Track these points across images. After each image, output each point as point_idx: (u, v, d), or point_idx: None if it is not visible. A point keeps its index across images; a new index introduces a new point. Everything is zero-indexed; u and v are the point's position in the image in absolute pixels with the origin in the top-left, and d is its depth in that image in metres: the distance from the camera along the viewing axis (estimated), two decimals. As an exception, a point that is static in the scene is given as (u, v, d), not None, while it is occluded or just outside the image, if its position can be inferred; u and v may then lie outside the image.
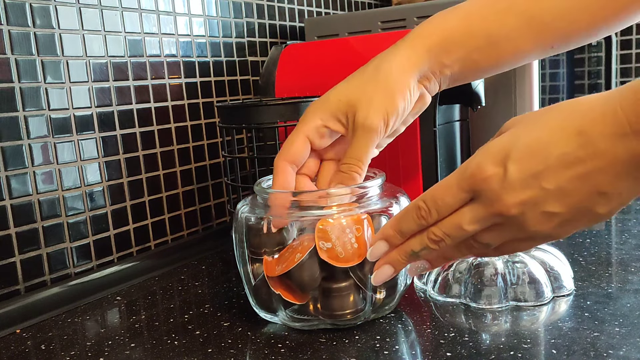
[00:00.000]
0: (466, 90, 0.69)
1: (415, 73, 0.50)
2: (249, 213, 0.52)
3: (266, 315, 0.52)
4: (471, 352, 0.45)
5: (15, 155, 0.62)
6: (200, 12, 0.84)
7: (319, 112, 0.50)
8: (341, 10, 1.18)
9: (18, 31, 0.62)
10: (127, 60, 0.73)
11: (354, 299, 0.49)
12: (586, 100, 0.36)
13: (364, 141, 0.49)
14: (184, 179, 0.82)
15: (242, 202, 0.53)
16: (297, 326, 0.51)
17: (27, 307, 0.60)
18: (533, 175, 0.36)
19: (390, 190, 0.54)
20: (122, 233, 0.74)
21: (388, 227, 0.44)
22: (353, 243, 0.48)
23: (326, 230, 0.47)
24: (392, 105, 0.49)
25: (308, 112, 0.51)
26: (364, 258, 0.48)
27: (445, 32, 0.50)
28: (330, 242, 0.47)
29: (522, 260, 0.54)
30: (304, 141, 0.50)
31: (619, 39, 1.32)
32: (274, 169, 0.51)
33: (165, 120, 0.79)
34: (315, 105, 0.51)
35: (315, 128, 0.50)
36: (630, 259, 0.62)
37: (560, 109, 0.38)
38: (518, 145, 0.37)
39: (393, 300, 0.52)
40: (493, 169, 0.37)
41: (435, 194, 0.40)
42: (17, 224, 0.62)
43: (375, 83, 0.49)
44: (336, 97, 0.50)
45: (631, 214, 0.80)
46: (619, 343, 0.44)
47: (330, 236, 0.47)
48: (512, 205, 0.37)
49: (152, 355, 0.49)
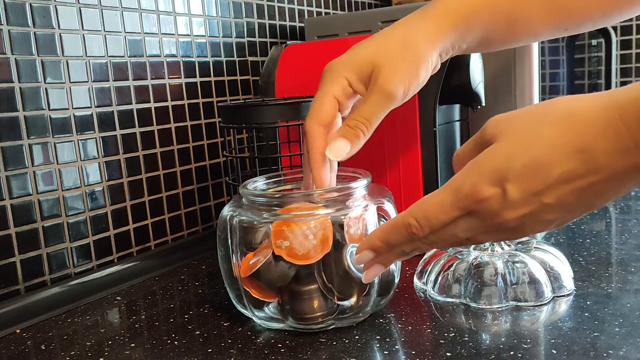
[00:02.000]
0: (466, 90, 0.69)
1: (440, 47, 0.50)
2: (233, 214, 0.51)
3: (247, 313, 0.53)
4: (471, 352, 0.45)
5: (15, 155, 0.62)
6: (200, 12, 0.84)
7: (344, 71, 0.49)
8: (341, 10, 1.18)
9: (18, 31, 0.62)
10: (127, 60, 0.73)
11: (319, 303, 0.50)
12: (581, 110, 0.35)
13: (379, 103, 0.48)
14: (184, 179, 0.82)
15: (229, 206, 0.53)
16: (274, 326, 0.52)
17: (27, 307, 0.60)
18: (534, 194, 0.36)
19: (376, 191, 0.54)
20: (122, 233, 0.74)
21: (375, 238, 0.43)
22: (311, 239, 0.48)
23: (282, 229, 0.47)
24: (415, 77, 0.49)
25: (334, 71, 0.49)
26: (326, 254, 0.48)
27: (472, 8, 0.51)
28: (288, 241, 0.47)
29: (522, 260, 0.54)
30: (333, 102, 0.49)
31: (619, 39, 1.32)
32: (308, 134, 0.49)
33: (165, 120, 0.79)
34: (340, 65, 0.49)
35: (342, 88, 0.49)
36: (630, 259, 0.62)
37: (554, 119, 0.36)
38: (515, 166, 0.36)
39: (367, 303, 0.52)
40: (491, 190, 0.36)
41: (428, 213, 0.39)
42: (17, 224, 0.62)
43: (403, 52, 0.48)
44: (363, 57, 0.49)
45: (631, 214, 0.80)
46: (619, 343, 0.44)
47: (287, 235, 0.47)
48: (511, 220, 0.37)
49: (152, 355, 0.49)
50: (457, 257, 0.56)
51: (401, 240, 0.42)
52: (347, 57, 0.50)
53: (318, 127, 0.49)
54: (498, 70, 0.78)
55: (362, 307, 0.51)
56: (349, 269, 0.49)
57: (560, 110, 0.36)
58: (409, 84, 0.49)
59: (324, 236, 0.48)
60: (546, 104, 0.38)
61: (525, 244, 0.58)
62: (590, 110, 0.35)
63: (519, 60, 0.78)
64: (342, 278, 0.49)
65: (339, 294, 0.50)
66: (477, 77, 0.70)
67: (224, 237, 0.52)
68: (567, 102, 0.37)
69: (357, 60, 0.49)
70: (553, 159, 0.35)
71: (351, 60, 0.50)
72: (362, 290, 0.50)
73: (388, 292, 0.53)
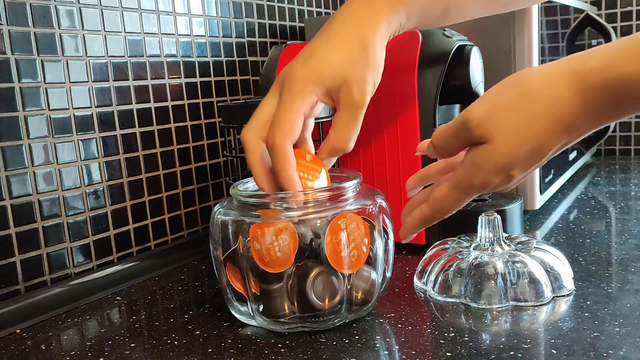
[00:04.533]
0: (466, 90, 0.69)
1: (387, 39, 0.52)
2: (224, 215, 0.51)
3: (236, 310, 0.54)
4: (471, 352, 0.45)
5: (15, 155, 0.62)
6: (200, 12, 0.84)
7: (312, 86, 0.48)
8: (341, 10, 1.17)
9: (18, 31, 0.62)
10: (127, 60, 0.73)
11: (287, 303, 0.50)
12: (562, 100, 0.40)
13: (357, 117, 0.50)
14: (184, 179, 0.82)
15: (219, 205, 0.53)
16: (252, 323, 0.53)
17: (27, 307, 0.60)
18: (534, 167, 0.44)
19: (367, 191, 0.54)
20: (122, 233, 0.74)
21: None
22: (277, 251, 0.47)
23: (256, 233, 0.47)
24: (378, 78, 0.51)
25: (300, 85, 0.48)
26: (286, 269, 0.48)
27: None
28: (260, 245, 0.47)
29: (522, 260, 0.54)
30: (302, 119, 0.49)
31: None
32: (282, 153, 0.47)
33: (165, 120, 0.79)
34: (306, 79, 0.48)
35: (310, 104, 0.49)
36: (630, 259, 0.62)
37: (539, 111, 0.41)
38: (518, 159, 0.42)
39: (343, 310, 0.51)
40: (499, 178, 0.44)
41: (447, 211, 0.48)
42: (17, 224, 0.62)
43: (366, 59, 0.49)
44: (331, 71, 0.48)
45: (631, 214, 0.80)
46: (619, 343, 0.44)
47: (260, 239, 0.47)
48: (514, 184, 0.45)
49: (152, 355, 0.49)
50: (457, 257, 0.56)
51: None
52: (313, 71, 0.49)
53: (290, 145, 0.48)
54: (498, 70, 0.78)
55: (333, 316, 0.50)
56: (310, 296, 0.49)
57: (541, 99, 0.41)
58: (374, 86, 0.51)
59: (290, 249, 0.47)
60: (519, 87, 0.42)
61: (525, 244, 0.58)
62: (567, 95, 0.40)
63: (519, 60, 0.78)
64: (302, 300, 0.49)
65: (299, 309, 0.49)
66: (477, 77, 0.70)
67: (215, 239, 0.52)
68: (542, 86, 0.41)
69: (325, 74, 0.48)
70: (547, 143, 0.42)
71: (319, 75, 0.48)
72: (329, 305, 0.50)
73: (365, 303, 0.52)
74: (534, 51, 0.77)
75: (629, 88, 0.38)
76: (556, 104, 0.40)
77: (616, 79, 0.38)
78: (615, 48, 0.39)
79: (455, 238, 0.61)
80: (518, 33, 0.77)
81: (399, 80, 0.68)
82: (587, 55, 0.41)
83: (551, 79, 0.41)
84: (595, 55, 0.40)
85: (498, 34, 0.78)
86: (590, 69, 0.39)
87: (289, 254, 0.47)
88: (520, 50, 0.77)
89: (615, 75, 0.38)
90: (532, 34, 0.77)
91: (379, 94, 0.70)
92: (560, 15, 0.94)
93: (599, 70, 0.39)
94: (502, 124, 0.42)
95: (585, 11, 1.06)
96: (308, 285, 0.48)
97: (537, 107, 0.41)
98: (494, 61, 0.77)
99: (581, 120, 0.41)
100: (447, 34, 0.70)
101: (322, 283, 0.49)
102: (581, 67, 0.40)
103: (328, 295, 0.49)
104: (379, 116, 0.70)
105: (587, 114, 0.40)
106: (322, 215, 0.48)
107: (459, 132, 0.44)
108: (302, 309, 0.49)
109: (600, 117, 0.41)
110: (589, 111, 0.40)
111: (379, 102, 0.70)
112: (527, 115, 0.41)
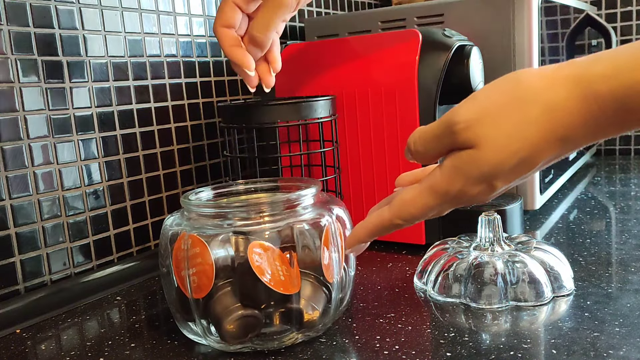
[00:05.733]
0: (466, 90, 0.69)
1: None
2: (175, 226, 0.48)
3: None
4: (471, 352, 0.45)
5: (15, 155, 0.62)
6: (200, 12, 0.84)
7: None
8: (341, 10, 1.18)
9: (18, 31, 0.62)
10: (127, 60, 0.73)
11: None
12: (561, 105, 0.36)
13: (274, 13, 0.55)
14: (184, 179, 0.82)
15: (169, 216, 0.51)
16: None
17: (27, 307, 0.60)
18: (519, 179, 0.40)
19: (324, 200, 0.51)
20: (122, 233, 0.74)
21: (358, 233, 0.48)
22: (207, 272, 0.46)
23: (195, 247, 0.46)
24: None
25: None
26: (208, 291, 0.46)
27: None
28: (202, 260, 0.46)
29: (522, 260, 0.54)
30: (232, 7, 0.56)
31: (619, 39, 1.32)
32: (217, 36, 0.57)
33: (165, 120, 0.79)
34: None
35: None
36: (630, 259, 0.62)
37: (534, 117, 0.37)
38: (505, 170, 0.38)
39: None
40: (479, 188, 0.40)
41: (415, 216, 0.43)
42: (17, 224, 0.62)
43: None
44: None
45: (631, 214, 0.80)
46: (619, 343, 0.44)
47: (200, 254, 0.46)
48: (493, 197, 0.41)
49: (152, 355, 0.49)
50: (457, 257, 0.56)
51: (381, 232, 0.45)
52: None
53: (222, 29, 0.57)
54: (498, 70, 0.78)
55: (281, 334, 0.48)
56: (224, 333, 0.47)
57: (538, 106, 0.37)
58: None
59: (203, 270, 0.45)
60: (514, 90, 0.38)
61: (525, 244, 0.58)
62: (568, 102, 0.36)
63: (519, 60, 0.78)
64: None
65: None
66: (477, 77, 0.70)
67: (163, 250, 0.49)
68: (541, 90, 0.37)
69: None
70: (538, 154, 0.38)
71: None
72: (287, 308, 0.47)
73: (299, 325, 0.48)
74: (534, 51, 0.77)
75: None
76: (555, 112, 0.36)
77: (625, 87, 0.34)
78: (623, 54, 0.35)
79: (455, 238, 0.61)
80: (518, 33, 0.77)
81: (399, 80, 0.68)
82: (592, 60, 0.36)
83: (552, 84, 0.37)
84: (601, 61, 0.36)
85: (498, 34, 0.78)
86: (596, 75, 0.35)
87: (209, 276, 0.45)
88: (520, 50, 0.77)
89: (624, 84, 0.34)
90: (532, 34, 0.77)
91: (379, 94, 0.70)
92: (560, 15, 0.94)
93: (607, 77, 0.35)
94: (491, 129, 0.37)
95: (585, 11, 1.06)
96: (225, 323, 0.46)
97: (533, 114, 0.37)
98: (494, 61, 0.77)
99: (579, 132, 0.36)
100: (447, 34, 0.70)
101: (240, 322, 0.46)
102: (586, 73, 0.36)
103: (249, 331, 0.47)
104: (379, 116, 0.70)
105: (588, 126, 0.36)
106: (275, 226, 0.46)
107: (441, 136, 0.40)
108: None
109: (601, 130, 0.36)
110: (590, 122, 0.36)
111: (379, 102, 0.70)
112: (520, 122, 0.37)
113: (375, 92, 0.70)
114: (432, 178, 0.41)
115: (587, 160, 1.23)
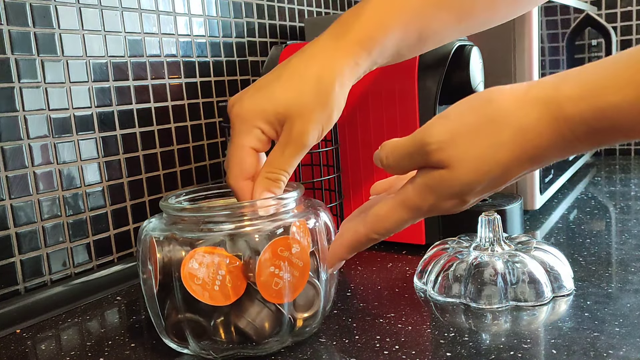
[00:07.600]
0: (466, 90, 0.69)
1: (353, 81, 0.50)
2: (153, 231, 0.48)
3: None
4: (471, 352, 0.45)
5: (15, 155, 0.62)
6: (200, 12, 0.84)
7: (256, 121, 0.47)
8: (341, 10, 1.18)
9: (18, 31, 0.62)
10: (127, 60, 0.73)
11: None
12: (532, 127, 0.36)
13: (295, 154, 0.47)
14: (184, 179, 0.82)
15: (148, 220, 0.50)
16: None
17: (27, 307, 0.60)
18: (490, 192, 0.41)
19: (307, 204, 0.50)
20: (122, 233, 0.74)
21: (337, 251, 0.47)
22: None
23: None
24: (329, 122, 0.48)
25: (244, 122, 0.47)
26: None
27: (385, 32, 0.49)
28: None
29: (522, 260, 0.54)
30: (251, 153, 0.47)
31: (619, 39, 1.32)
32: (236, 192, 0.48)
33: (165, 120, 0.79)
34: (251, 114, 0.47)
35: (256, 138, 0.47)
36: (630, 259, 0.62)
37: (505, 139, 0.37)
38: (477, 189, 0.39)
39: None
40: (450, 203, 0.41)
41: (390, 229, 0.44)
42: (17, 224, 0.62)
43: (317, 97, 0.47)
44: (274, 106, 0.46)
45: (631, 214, 0.80)
46: (619, 343, 0.44)
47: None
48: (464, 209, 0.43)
49: (152, 355, 0.49)
50: (457, 257, 0.56)
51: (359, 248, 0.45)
52: (257, 104, 0.47)
53: (244, 182, 0.47)
54: (498, 70, 0.78)
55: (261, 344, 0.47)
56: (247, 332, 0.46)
57: (509, 128, 0.37)
58: (322, 130, 0.47)
59: None
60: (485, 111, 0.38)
61: (525, 244, 0.58)
62: (539, 124, 0.36)
63: (519, 60, 0.78)
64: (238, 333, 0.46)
65: None
66: (477, 77, 0.70)
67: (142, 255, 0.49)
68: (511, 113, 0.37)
69: (268, 109, 0.46)
70: (510, 172, 0.38)
71: (262, 109, 0.47)
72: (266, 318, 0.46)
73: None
74: (534, 51, 0.77)
75: (610, 119, 0.34)
76: (526, 134, 0.37)
77: (594, 110, 0.34)
78: (591, 74, 0.35)
79: (455, 238, 0.61)
80: (518, 33, 0.77)
81: (399, 80, 0.68)
82: (561, 80, 0.36)
83: (522, 106, 0.37)
84: (569, 81, 0.36)
85: (498, 34, 0.78)
86: (565, 97, 0.35)
87: None
88: (521, 50, 0.77)
89: (594, 107, 0.34)
90: (532, 34, 0.77)
91: (379, 94, 0.70)
92: (560, 15, 0.94)
93: (575, 100, 0.35)
94: (463, 152, 0.38)
95: (585, 11, 1.06)
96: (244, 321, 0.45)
97: (504, 136, 0.37)
98: (494, 61, 0.78)
99: (551, 152, 0.37)
100: (447, 34, 0.70)
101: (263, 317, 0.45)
102: (556, 95, 0.36)
103: None
104: (379, 116, 0.70)
105: (559, 146, 0.37)
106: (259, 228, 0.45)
107: (414, 154, 0.41)
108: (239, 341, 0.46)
109: (570, 149, 0.37)
110: (561, 143, 0.36)
111: (379, 102, 0.70)
112: (492, 145, 0.37)
113: (375, 92, 0.70)
114: (404, 193, 0.42)
115: (587, 160, 1.23)
